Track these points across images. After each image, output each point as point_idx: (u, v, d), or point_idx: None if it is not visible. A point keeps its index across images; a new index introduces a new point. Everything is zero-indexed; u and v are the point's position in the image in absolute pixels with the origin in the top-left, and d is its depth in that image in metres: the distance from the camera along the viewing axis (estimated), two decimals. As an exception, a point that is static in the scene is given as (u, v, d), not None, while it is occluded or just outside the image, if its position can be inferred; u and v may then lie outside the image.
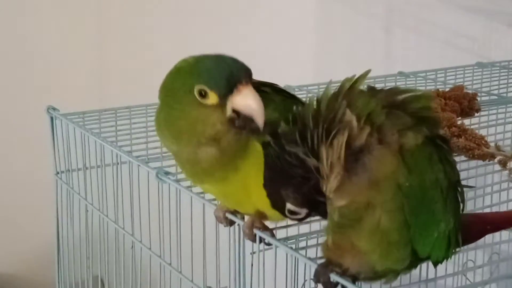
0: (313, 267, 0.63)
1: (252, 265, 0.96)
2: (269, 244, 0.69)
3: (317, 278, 0.63)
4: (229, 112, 0.63)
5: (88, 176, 1.04)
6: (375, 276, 0.62)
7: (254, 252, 0.99)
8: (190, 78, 0.64)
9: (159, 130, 0.69)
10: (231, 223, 0.75)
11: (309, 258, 0.64)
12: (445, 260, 0.64)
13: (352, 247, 0.60)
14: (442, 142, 0.61)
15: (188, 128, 0.65)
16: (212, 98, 0.63)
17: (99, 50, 2.27)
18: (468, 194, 0.84)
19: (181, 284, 0.87)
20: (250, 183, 0.65)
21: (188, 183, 0.82)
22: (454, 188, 0.62)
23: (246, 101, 0.62)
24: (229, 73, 0.62)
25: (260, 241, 0.70)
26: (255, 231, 0.71)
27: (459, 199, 0.64)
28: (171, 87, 0.66)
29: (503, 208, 0.83)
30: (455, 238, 0.63)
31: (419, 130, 0.58)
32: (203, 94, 0.63)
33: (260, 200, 0.64)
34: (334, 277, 0.62)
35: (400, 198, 0.57)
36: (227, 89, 0.62)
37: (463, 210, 0.65)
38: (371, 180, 0.56)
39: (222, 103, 0.63)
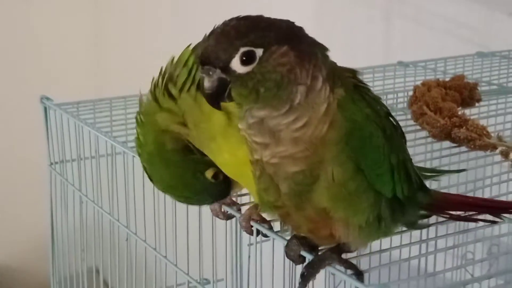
0: (311, 258, 0.62)
1: (249, 257, 0.95)
2: (266, 236, 0.68)
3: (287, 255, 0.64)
4: None
5: (82, 167, 1.02)
6: (360, 237, 0.60)
7: (251, 244, 0.98)
8: None
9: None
10: (229, 217, 0.74)
11: (307, 250, 0.63)
12: (412, 193, 0.63)
13: (317, 213, 0.59)
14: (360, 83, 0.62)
15: None
16: None
17: (95, 40, 2.25)
18: (468, 186, 0.83)
19: (177, 276, 0.86)
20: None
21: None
22: (388, 119, 0.62)
23: None
24: None
25: (258, 234, 0.68)
26: (253, 223, 0.70)
27: (398, 130, 0.64)
28: None
29: (504, 199, 0.82)
30: (413, 168, 0.64)
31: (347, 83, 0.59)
32: None
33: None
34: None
35: (345, 147, 0.57)
36: None
37: (405, 139, 0.66)
38: (316, 139, 0.56)
39: None
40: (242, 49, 0.54)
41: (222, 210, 0.73)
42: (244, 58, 0.54)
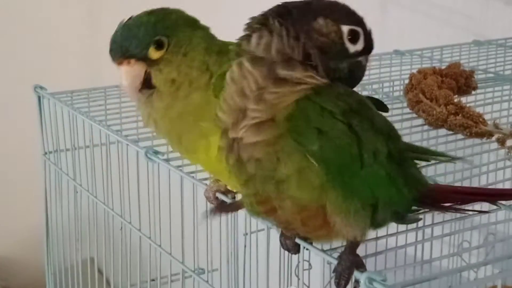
0: (306, 245, 0.61)
1: (245, 246, 0.95)
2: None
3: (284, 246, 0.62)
4: None
5: (77, 157, 1.02)
6: (355, 223, 0.57)
7: (246, 234, 0.98)
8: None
9: None
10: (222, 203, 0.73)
11: (307, 241, 0.62)
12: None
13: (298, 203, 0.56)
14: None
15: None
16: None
17: (90, 29, 2.23)
18: (465, 173, 0.82)
19: (172, 265, 0.85)
20: None
21: (178, 162, 0.80)
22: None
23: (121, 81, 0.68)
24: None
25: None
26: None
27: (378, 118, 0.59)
28: None
29: (500, 187, 0.82)
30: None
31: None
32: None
33: None
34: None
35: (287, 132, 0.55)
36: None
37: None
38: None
39: None
40: None
41: (216, 197, 0.72)
42: None
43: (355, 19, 0.59)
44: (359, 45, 0.59)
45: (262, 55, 0.56)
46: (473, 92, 1.02)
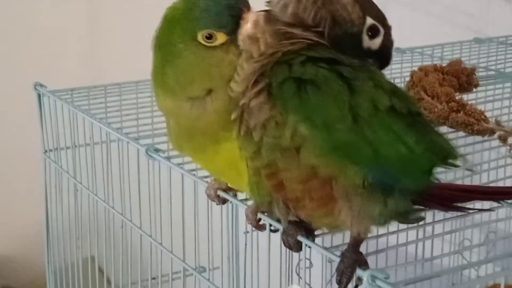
0: (315, 249, 0.61)
1: (246, 244, 0.94)
2: (275, 230, 0.64)
3: (287, 244, 0.61)
4: (241, 45, 0.59)
5: (77, 154, 1.01)
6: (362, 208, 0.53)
7: (247, 232, 0.98)
8: (189, 25, 0.60)
9: (157, 88, 0.65)
10: (224, 201, 0.73)
11: (304, 235, 0.62)
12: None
13: (308, 173, 0.53)
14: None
15: (199, 76, 0.61)
16: (221, 38, 0.60)
17: (90, 27, 2.23)
18: (466, 171, 0.82)
19: (173, 263, 0.85)
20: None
21: (179, 160, 0.80)
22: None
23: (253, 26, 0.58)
24: (231, 8, 0.59)
25: (270, 229, 0.64)
26: (260, 216, 0.66)
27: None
28: (167, 41, 0.63)
29: (501, 185, 0.81)
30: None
31: None
32: (209, 37, 0.60)
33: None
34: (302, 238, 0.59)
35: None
36: (234, 24, 0.59)
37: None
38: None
39: (232, 39, 0.60)
40: None
41: (218, 194, 0.72)
42: None
43: (384, 21, 0.58)
44: (374, 45, 0.58)
45: (278, 15, 0.56)
46: (474, 90, 1.02)
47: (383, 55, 0.59)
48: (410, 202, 0.58)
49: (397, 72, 1.15)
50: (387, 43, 0.59)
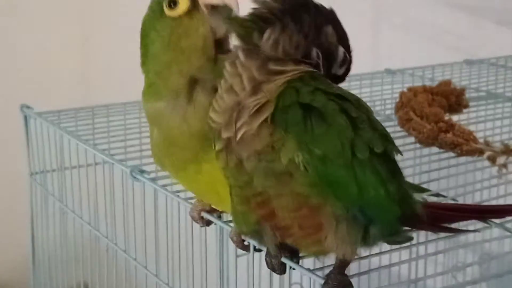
0: (299, 271, 0.59)
1: (236, 268, 0.92)
2: (259, 250, 0.64)
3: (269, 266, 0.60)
4: (204, 11, 0.60)
5: (64, 177, 1.00)
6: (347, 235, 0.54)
7: (239, 256, 0.96)
8: (155, 7, 0.61)
9: (143, 91, 0.65)
10: (208, 223, 0.71)
11: (294, 261, 0.60)
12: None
13: (298, 199, 0.53)
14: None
15: (172, 53, 0.61)
16: (183, 3, 0.60)
17: (79, 50, 2.22)
18: (458, 190, 0.81)
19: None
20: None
21: (164, 181, 0.78)
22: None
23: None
24: None
25: (255, 248, 0.64)
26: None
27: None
28: (144, 28, 0.63)
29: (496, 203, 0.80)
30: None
31: None
32: (173, 4, 0.60)
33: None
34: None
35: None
36: None
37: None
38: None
39: (195, 6, 0.60)
40: None
41: (201, 216, 0.70)
42: None
43: (350, 48, 0.60)
44: (340, 71, 0.60)
45: (267, 51, 0.56)
46: (465, 110, 1.01)
47: (343, 79, 0.61)
48: (397, 224, 0.57)
49: (388, 93, 1.15)
50: (349, 68, 0.61)
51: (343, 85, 0.61)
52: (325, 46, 0.58)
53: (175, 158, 0.63)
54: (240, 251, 0.78)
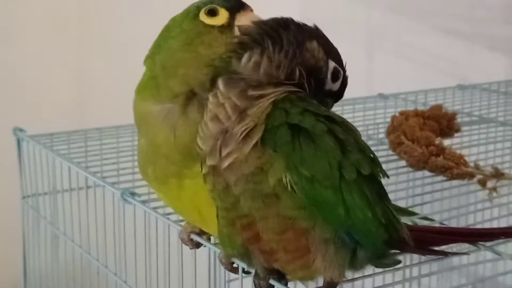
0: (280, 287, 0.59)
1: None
2: (248, 272, 0.64)
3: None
4: (236, 32, 0.61)
5: (56, 201, 0.99)
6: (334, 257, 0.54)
7: (230, 280, 0.95)
8: (193, 6, 0.62)
9: (138, 90, 0.65)
10: (198, 245, 0.71)
11: (282, 283, 0.60)
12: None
13: (284, 222, 0.53)
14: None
15: (187, 54, 0.61)
16: (222, 17, 0.61)
17: (72, 73, 2.23)
18: (451, 212, 0.81)
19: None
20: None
21: (155, 203, 0.78)
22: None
23: (253, 19, 0.60)
24: None
25: (244, 271, 0.63)
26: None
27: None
28: (168, 28, 0.63)
29: (486, 226, 0.80)
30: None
31: None
32: (212, 14, 0.61)
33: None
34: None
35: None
36: (237, 7, 0.61)
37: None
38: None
39: (229, 24, 0.61)
40: None
41: (191, 238, 0.70)
42: None
43: (341, 62, 0.60)
44: (335, 86, 0.60)
45: (248, 75, 0.55)
46: (458, 134, 1.02)
47: (340, 95, 0.61)
48: (384, 247, 0.57)
49: (381, 117, 1.15)
50: (345, 83, 0.60)
51: (336, 109, 0.62)
52: (311, 62, 0.57)
53: (157, 169, 0.63)
54: (231, 275, 0.78)
